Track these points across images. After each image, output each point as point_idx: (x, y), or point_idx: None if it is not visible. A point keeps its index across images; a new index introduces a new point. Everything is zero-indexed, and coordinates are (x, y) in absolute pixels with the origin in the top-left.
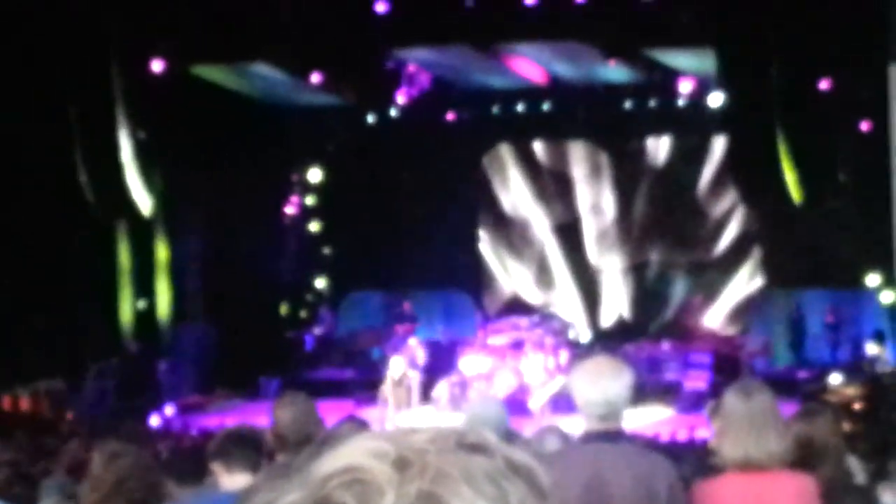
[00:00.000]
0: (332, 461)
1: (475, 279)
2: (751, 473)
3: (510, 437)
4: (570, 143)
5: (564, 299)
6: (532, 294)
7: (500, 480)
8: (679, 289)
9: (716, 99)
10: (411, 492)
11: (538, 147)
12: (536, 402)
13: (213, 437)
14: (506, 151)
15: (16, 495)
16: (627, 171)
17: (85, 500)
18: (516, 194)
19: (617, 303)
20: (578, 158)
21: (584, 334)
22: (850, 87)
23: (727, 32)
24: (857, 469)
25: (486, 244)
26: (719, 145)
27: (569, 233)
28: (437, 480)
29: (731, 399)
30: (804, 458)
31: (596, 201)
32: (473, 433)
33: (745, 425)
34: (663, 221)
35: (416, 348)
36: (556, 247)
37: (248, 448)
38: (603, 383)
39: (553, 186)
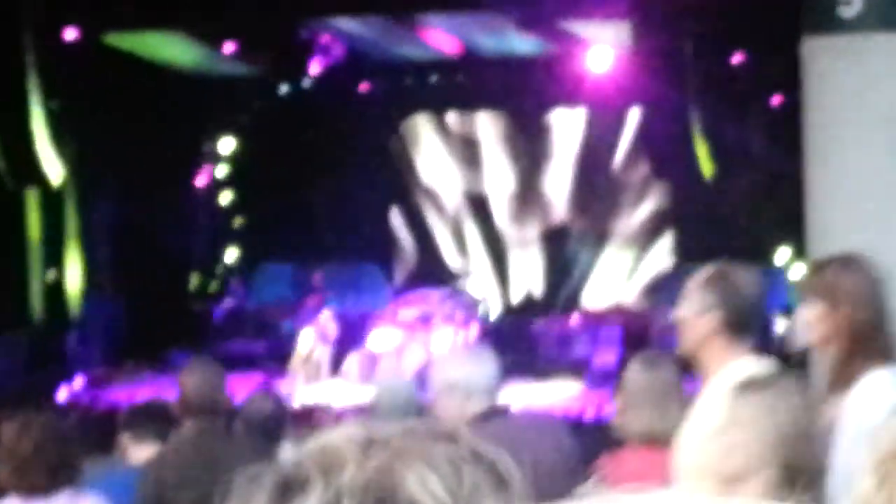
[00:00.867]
0: (309, 445)
1: (387, 252)
2: (654, 447)
3: (420, 413)
4: (484, 115)
5: (477, 274)
6: (444, 269)
7: (458, 463)
8: (590, 264)
9: (629, 71)
10: (370, 465)
11: (452, 118)
12: None
13: (121, 410)
14: (420, 122)
15: None
16: (540, 143)
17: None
18: (429, 166)
19: (527, 278)
20: (491, 130)
21: (494, 309)
22: (762, 62)
23: (641, 4)
24: None
25: (398, 216)
26: (633, 118)
27: (481, 206)
28: (397, 457)
29: (634, 370)
30: None
31: (508, 174)
32: (447, 427)
33: (648, 397)
34: (575, 195)
35: (327, 321)
36: (469, 220)
37: (157, 420)
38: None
39: (465, 158)
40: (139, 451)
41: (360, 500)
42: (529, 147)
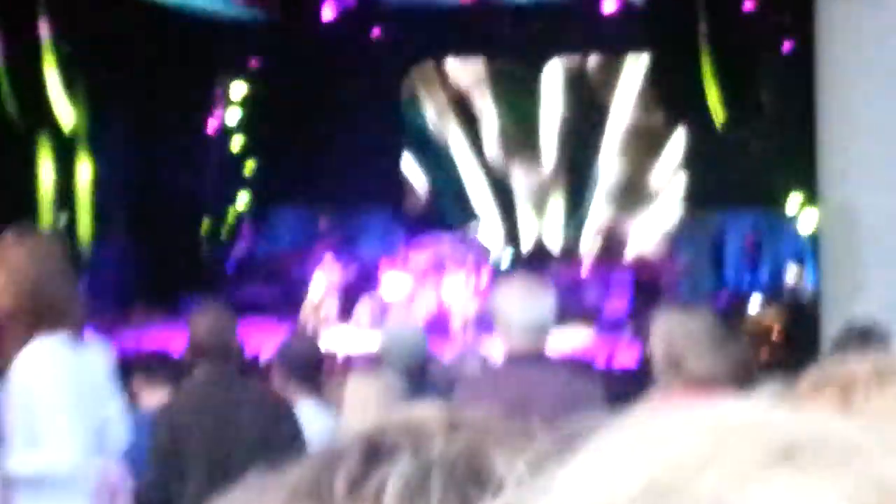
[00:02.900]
0: (389, 416)
1: (398, 197)
2: (705, 389)
3: (429, 361)
4: (493, 62)
5: (485, 220)
6: (454, 214)
7: (541, 454)
8: (599, 210)
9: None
10: (460, 439)
11: (461, 64)
12: (457, 322)
13: (132, 355)
14: (430, 68)
15: None
16: (551, 90)
17: None
18: (439, 112)
19: (537, 223)
20: (499, 76)
21: (504, 255)
22: (774, 8)
23: None
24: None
25: (409, 161)
26: (643, 64)
27: (489, 154)
28: (483, 438)
29: (683, 317)
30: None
31: (515, 121)
32: (528, 423)
33: (703, 342)
34: (584, 141)
35: (335, 266)
36: (476, 166)
37: (168, 365)
38: (529, 304)
39: (473, 105)
40: (151, 396)
41: (449, 473)
42: (538, 94)
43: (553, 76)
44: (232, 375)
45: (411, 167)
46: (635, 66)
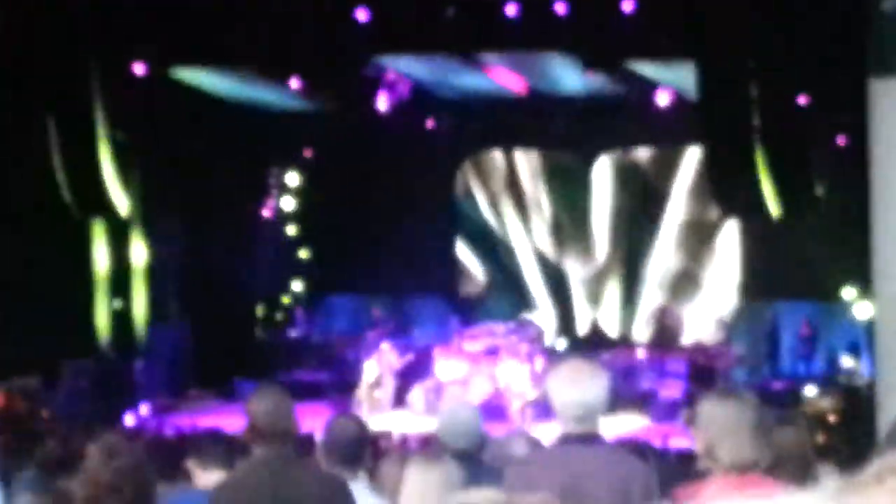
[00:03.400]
0: (451, 502)
1: (451, 285)
2: (741, 476)
3: (483, 442)
4: (547, 153)
5: (540, 306)
6: (509, 302)
7: None
8: (654, 298)
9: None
10: None
11: (516, 156)
12: (514, 407)
13: (187, 436)
14: (484, 159)
15: None
16: (603, 181)
17: (79, 494)
18: (494, 202)
19: (591, 311)
20: (554, 168)
21: (559, 342)
22: (828, 102)
23: (707, 45)
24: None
25: (463, 250)
26: (696, 155)
27: (544, 241)
28: None
29: (721, 404)
30: (773, 464)
31: (570, 211)
32: None
33: (739, 429)
34: (639, 231)
35: (390, 353)
36: (531, 254)
37: (222, 447)
38: (580, 385)
39: (529, 195)
40: (205, 478)
41: None
42: (590, 185)
43: (605, 167)
44: (289, 456)
45: (465, 255)
46: (690, 158)
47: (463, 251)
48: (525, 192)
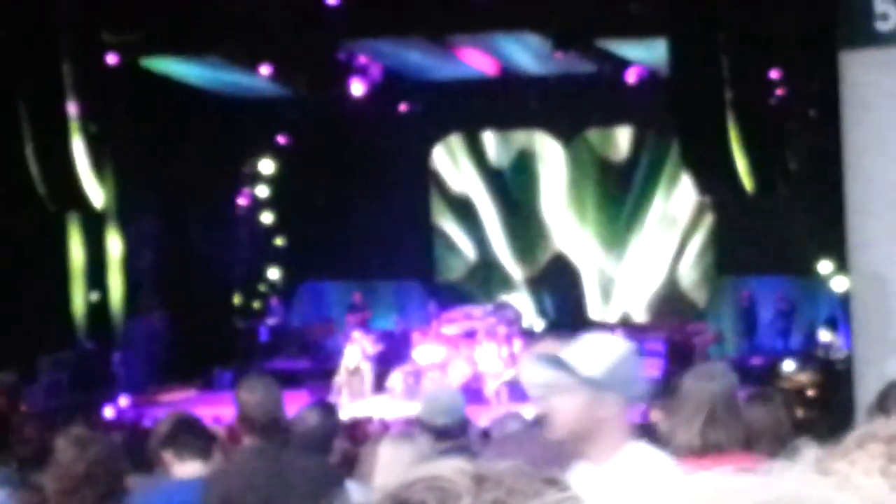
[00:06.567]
0: (416, 472)
1: (427, 268)
2: (703, 459)
3: (465, 424)
4: (521, 134)
5: (517, 291)
6: (485, 285)
7: None
8: (632, 279)
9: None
10: (486, 500)
11: (488, 137)
12: (491, 390)
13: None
14: (457, 142)
15: None
16: (578, 161)
17: (50, 487)
18: (467, 184)
19: (568, 291)
20: (528, 148)
21: (537, 323)
22: (800, 76)
23: (678, 21)
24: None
25: (438, 234)
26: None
27: (518, 222)
28: (511, 494)
29: (692, 381)
30: (748, 441)
31: (546, 190)
32: (551, 472)
33: (702, 409)
34: (613, 209)
35: (369, 338)
36: (505, 236)
37: (197, 435)
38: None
39: (503, 176)
40: (181, 468)
41: None
42: (567, 164)
43: (579, 146)
44: (280, 446)
45: (442, 240)
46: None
47: (440, 235)
48: (498, 172)
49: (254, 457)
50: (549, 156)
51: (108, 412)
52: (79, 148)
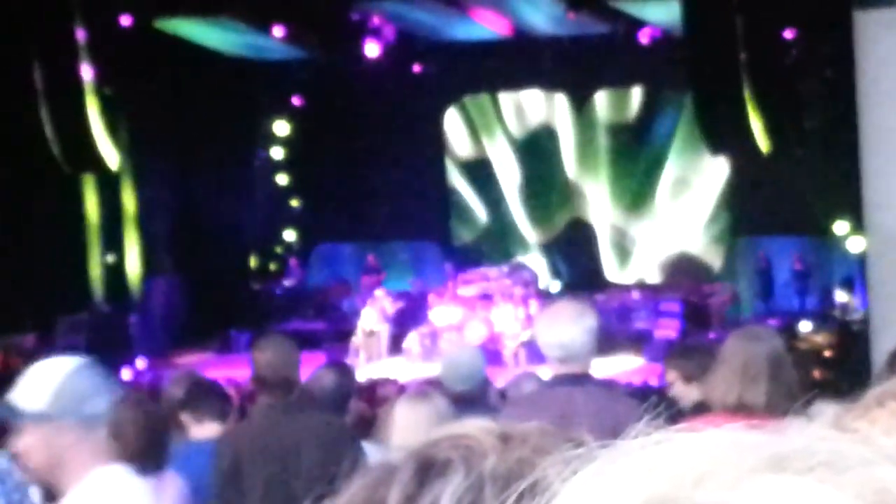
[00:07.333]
0: (442, 431)
1: (443, 230)
2: (738, 418)
3: (486, 385)
4: (534, 95)
5: (534, 252)
6: (502, 246)
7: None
8: (648, 240)
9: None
10: (512, 458)
11: (503, 98)
12: (508, 351)
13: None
14: (471, 102)
15: None
16: (591, 122)
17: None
18: (481, 146)
19: (584, 253)
20: (542, 109)
21: (553, 284)
22: (815, 36)
23: None
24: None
25: (453, 194)
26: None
27: (534, 185)
28: (537, 451)
29: (736, 341)
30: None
31: (561, 152)
32: (579, 433)
33: (744, 369)
34: (627, 170)
35: (385, 300)
36: (520, 199)
37: (215, 397)
38: (559, 327)
39: (517, 138)
40: (200, 430)
41: (502, 489)
42: (580, 125)
43: (592, 107)
44: (294, 405)
45: (457, 201)
46: (677, 97)
47: (456, 196)
48: (512, 133)
49: (265, 415)
50: (563, 117)
51: (125, 374)
52: (93, 110)
